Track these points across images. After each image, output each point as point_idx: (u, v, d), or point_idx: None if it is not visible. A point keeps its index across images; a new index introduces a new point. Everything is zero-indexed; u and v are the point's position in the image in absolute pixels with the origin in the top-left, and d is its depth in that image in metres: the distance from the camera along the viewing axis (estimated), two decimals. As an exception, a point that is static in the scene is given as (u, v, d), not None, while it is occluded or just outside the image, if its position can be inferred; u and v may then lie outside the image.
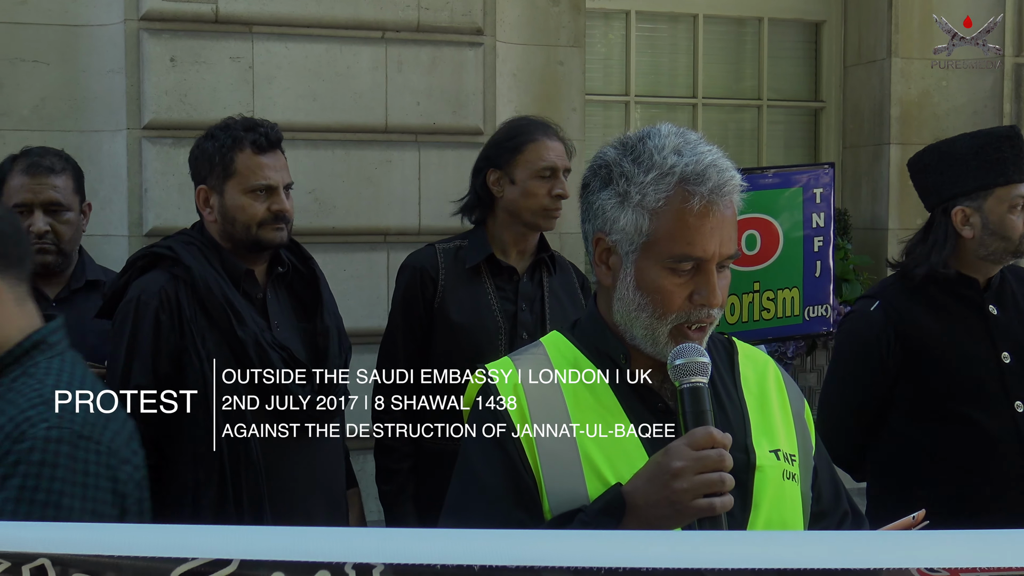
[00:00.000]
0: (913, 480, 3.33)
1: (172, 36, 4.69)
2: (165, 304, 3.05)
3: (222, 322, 3.06)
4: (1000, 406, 3.22)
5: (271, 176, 3.17)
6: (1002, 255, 3.27)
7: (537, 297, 3.57)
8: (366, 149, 4.95)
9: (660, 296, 1.86)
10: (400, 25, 5.01)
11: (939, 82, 6.20)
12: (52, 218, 3.36)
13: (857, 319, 3.43)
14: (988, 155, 3.25)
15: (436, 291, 3.51)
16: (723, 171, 1.86)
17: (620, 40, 6.19)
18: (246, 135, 3.18)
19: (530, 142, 3.54)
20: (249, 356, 3.04)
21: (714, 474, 1.70)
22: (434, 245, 3.61)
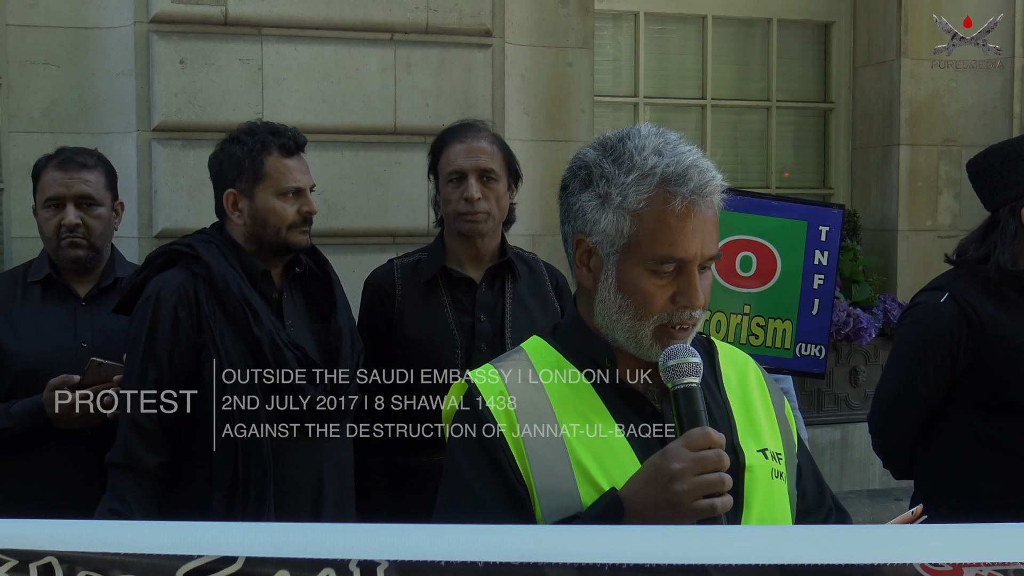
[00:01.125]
0: (981, 474, 3.32)
1: (182, 38, 4.71)
2: (184, 300, 3.09)
3: (239, 320, 3.09)
4: None
5: (300, 179, 3.23)
6: None
7: (498, 306, 3.52)
8: (375, 151, 4.96)
9: (642, 298, 1.85)
10: (409, 27, 5.01)
11: (949, 83, 6.19)
12: (83, 212, 3.41)
13: (925, 311, 3.41)
14: None
15: (393, 308, 3.50)
16: (704, 171, 1.84)
17: (629, 41, 6.19)
18: (274, 139, 3.24)
19: (443, 148, 3.55)
20: (264, 354, 3.06)
21: (714, 474, 1.70)
22: (392, 261, 3.62)
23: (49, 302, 3.42)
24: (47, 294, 3.43)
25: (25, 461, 3.30)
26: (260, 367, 3.06)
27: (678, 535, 1.62)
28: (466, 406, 1.91)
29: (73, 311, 3.41)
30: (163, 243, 4.69)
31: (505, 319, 3.49)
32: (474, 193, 3.44)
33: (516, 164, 3.61)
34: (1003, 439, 3.31)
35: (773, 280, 3.78)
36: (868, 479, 6.10)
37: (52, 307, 3.42)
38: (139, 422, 3.05)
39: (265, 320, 3.10)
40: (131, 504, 3.01)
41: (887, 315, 5.98)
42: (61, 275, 3.45)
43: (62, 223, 3.38)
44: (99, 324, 3.40)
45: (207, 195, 4.70)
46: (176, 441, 3.09)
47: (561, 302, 3.59)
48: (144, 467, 3.04)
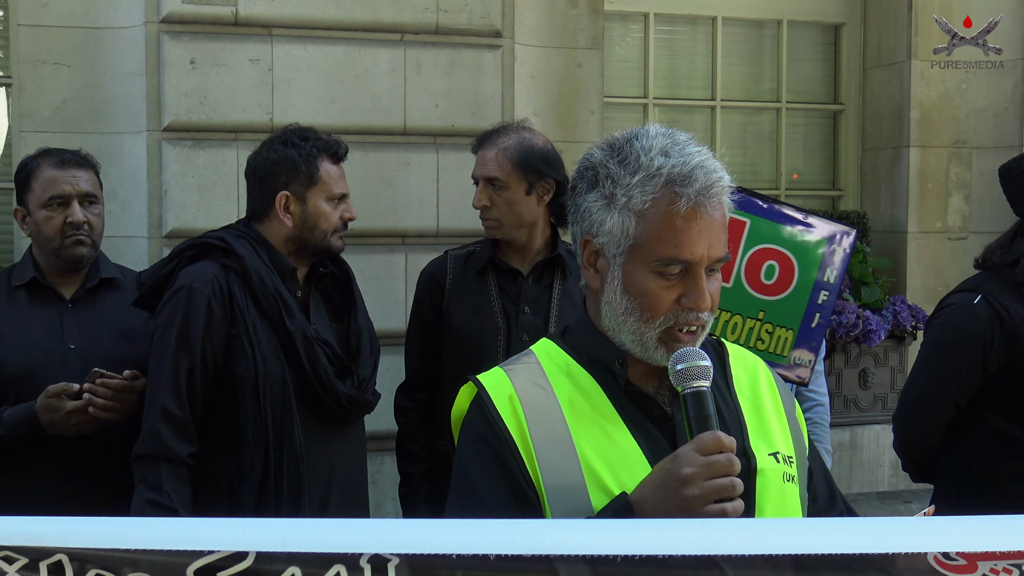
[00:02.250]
0: (1009, 476, 3.31)
1: (192, 38, 4.71)
2: (217, 292, 3.12)
3: (272, 314, 3.14)
4: None
5: (345, 186, 3.35)
6: None
7: (543, 299, 3.58)
8: (384, 151, 4.96)
9: (647, 300, 1.83)
10: (419, 27, 5.01)
11: (959, 84, 6.17)
12: (86, 210, 3.40)
13: (959, 312, 3.41)
14: None
15: (443, 296, 3.62)
16: (711, 172, 1.82)
17: (638, 42, 6.19)
18: (326, 146, 3.32)
19: (480, 146, 3.70)
20: (297, 348, 3.12)
21: (725, 479, 1.68)
22: (447, 252, 3.76)
23: (35, 305, 3.39)
24: (32, 297, 3.40)
25: (18, 467, 3.26)
26: (292, 361, 3.12)
27: (690, 527, 1.61)
28: (475, 409, 1.90)
29: (59, 313, 3.39)
30: (173, 243, 4.71)
31: (551, 313, 3.56)
32: (474, 201, 3.64)
33: (540, 166, 3.61)
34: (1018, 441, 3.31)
35: (788, 290, 3.84)
36: (877, 481, 6.09)
37: (38, 310, 3.39)
38: (170, 411, 3.06)
39: (297, 315, 3.17)
40: (169, 494, 3.01)
41: (896, 317, 5.97)
42: (46, 278, 3.42)
43: (67, 220, 3.34)
44: (86, 325, 3.39)
45: (217, 195, 4.74)
46: (207, 432, 3.12)
47: None
48: (177, 456, 3.05)
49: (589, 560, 1.50)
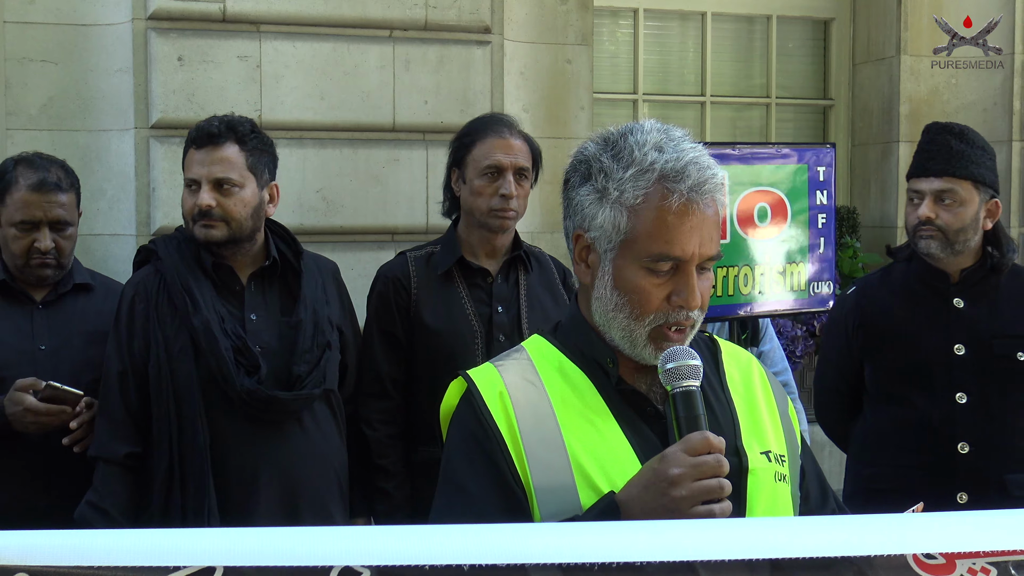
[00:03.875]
0: (862, 459, 3.53)
1: (180, 35, 4.69)
2: (140, 294, 3.20)
3: (181, 309, 3.15)
4: (943, 396, 3.33)
5: (198, 171, 3.24)
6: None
7: (512, 297, 3.51)
8: (374, 148, 4.95)
9: (638, 296, 1.81)
10: (408, 24, 5.00)
11: (949, 80, 6.18)
12: (57, 234, 3.34)
13: (836, 302, 3.70)
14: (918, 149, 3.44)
15: (410, 299, 3.48)
16: (704, 169, 1.80)
17: (628, 38, 6.18)
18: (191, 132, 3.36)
19: (478, 140, 3.49)
20: (200, 343, 3.12)
21: (712, 480, 1.66)
22: (405, 253, 3.58)
23: (4, 306, 3.37)
24: (2, 298, 3.38)
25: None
26: (199, 357, 3.12)
27: (667, 530, 1.58)
28: (464, 405, 1.88)
29: (30, 314, 3.37)
30: (161, 241, 4.70)
31: (521, 310, 3.49)
32: (512, 190, 3.43)
33: (540, 162, 3.58)
34: (879, 426, 3.45)
35: (787, 225, 3.88)
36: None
37: (7, 311, 3.36)
38: (108, 412, 3.14)
39: (204, 310, 3.13)
40: (102, 493, 3.08)
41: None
42: (16, 281, 3.40)
43: (35, 245, 3.30)
44: (57, 327, 3.38)
45: (205, 193, 4.72)
46: (147, 432, 3.16)
47: (569, 295, 3.57)
48: (113, 456, 3.12)
49: (565, 568, 1.48)
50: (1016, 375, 3.32)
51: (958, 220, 3.29)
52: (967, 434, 3.30)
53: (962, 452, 3.29)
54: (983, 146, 3.35)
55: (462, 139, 3.56)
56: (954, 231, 3.29)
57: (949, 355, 3.33)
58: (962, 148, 3.29)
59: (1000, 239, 3.38)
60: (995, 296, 3.37)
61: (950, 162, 3.29)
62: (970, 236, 3.31)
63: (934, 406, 3.33)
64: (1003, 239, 3.38)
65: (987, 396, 3.31)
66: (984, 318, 3.34)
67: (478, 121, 3.63)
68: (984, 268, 3.37)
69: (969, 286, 3.37)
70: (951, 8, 6.06)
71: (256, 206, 3.23)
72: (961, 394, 3.31)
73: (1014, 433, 3.33)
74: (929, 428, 3.32)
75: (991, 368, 3.32)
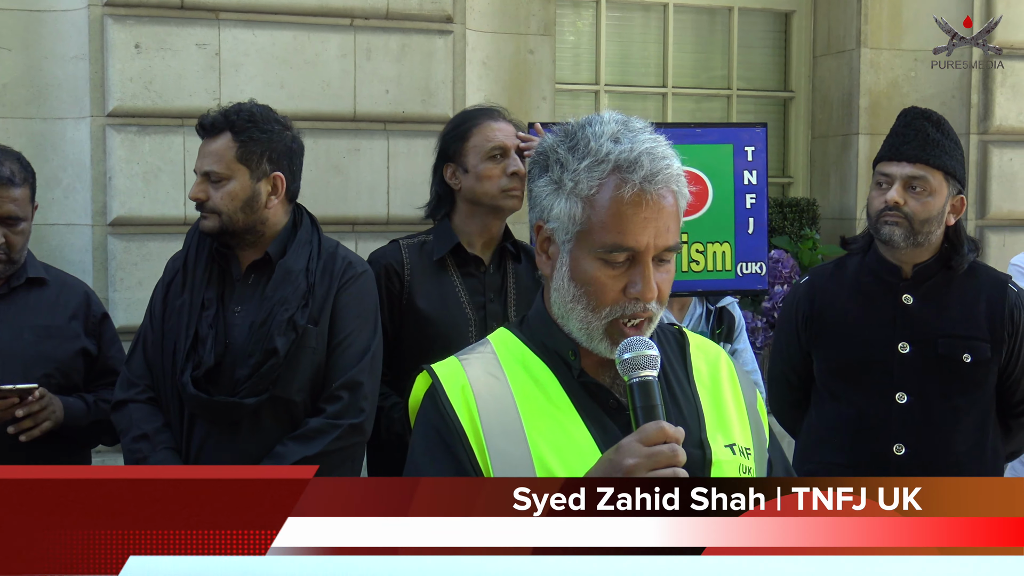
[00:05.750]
0: (804, 454, 3.45)
1: (137, 22, 4.63)
2: (169, 267, 3.34)
3: (175, 290, 3.25)
4: (883, 394, 3.25)
5: (203, 163, 3.23)
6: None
7: (504, 286, 3.55)
8: (334, 138, 4.91)
9: (593, 288, 1.81)
10: (369, 12, 4.96)
11: (908, 72, 6.22)
12: (7, 229, 3.28)
13: (790, 291, 3.65)
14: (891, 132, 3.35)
15: (403, 286, 3.47)
16: (658, 159, 1.80)
17: (590, 29, 6.17)
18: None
19: (475, 127, 3.52)
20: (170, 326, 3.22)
21: (667, 470, 1.66)
22: (397, 241, 3.58)
23: None
24: None
25: None
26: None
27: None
28: (428, 399, 1.88)
29: None
30: (118, 231, 4.64)
31: (509, 301, 3.51)
32: (521, 167, 3.46)
33: None
34: (820, 422, 3.39)
35: (707, 206, 3.88)
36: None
37: None
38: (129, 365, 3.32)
39: (188, 294, 3.19)
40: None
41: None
42: None
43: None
44: (8, 322, 3.33)
45: (163, 182, 4.67)
46: None
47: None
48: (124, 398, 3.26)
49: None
50: (959, 377, 3.23)
51: (925, 210, 3.19)
52: (903, 435, 3.21)
53: (897, 453, 3.21)
54: (956, 140, 3.27)
55: (455, 130, 3.57)
56: (920, 221, 3.19)
57: (893, 352, 3.24)
58: (938, 137, 3.21)
59: (960, 237, 3.29)
60: (946, 295, 3.27)
61: (925, 149, 3.19)
62: (934, 229, 3.22)
63: (873, 404, 3.25)
64: (962, 237, 3.30)
65: (928, 397, 3.22)
66: (932, 317, 3.25)
67: (468, 111, 3.68)
68: (938, 265, 3.28)
69: (920, 283, 3.28)
70: (911, 2, 6.11)
71: (248, 198, 3.17)
72: (902, 394, 3.22)
73: (951, 437, 3.23)
74: (866, 426, 3.25)
75: (934, 368, 3.22)
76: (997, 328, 3.25)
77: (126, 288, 4.64)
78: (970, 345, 3.23)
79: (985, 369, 3.25)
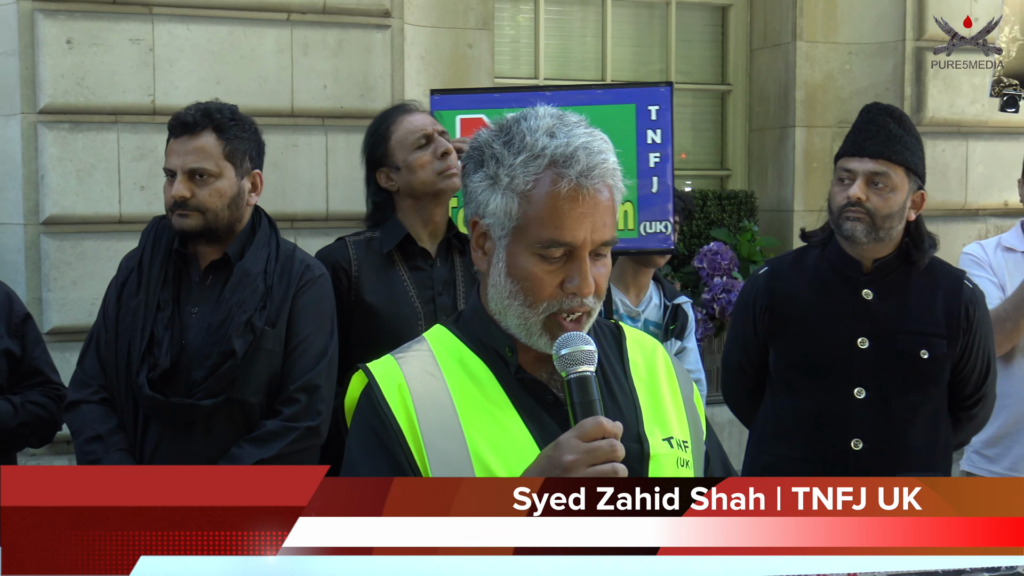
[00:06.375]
0: (759, 446, 3.46)
1: (68, 17, 4.55)
2: (122, 267, 3.30)
3: (131, 290, 3.21)
4: (841, 389, 3.25)
5: (175, 161, 3.20)
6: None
7: (451, 280, 3.54)
8: (272, 133, 4.83)
9: (530, 283, 1.81)
10: (305, 7, 4.92)
11: (843, 65, 6.30)
12: None
13: (747, 281, 3.60)
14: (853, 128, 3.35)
15: (350, 282, 3.45)
16: (594, 154, 1.81)
17: (529, 23, 6.17)
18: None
19: (393, 124, 3.53)
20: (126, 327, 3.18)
21: (606, 465, 1.66)
22: (343, 238, 3.57)
23: None
24: None
25: None
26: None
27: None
28: (364, 398, 1.87)
29: None
30: (52, 230, 4.56)
31: (458, 293, 3.50)
32: (449, 146, 3.48)
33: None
34: (776, 415, 3.39)
35: None
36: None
37: None
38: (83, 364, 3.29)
39: (144, 294, 3.15)
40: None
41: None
42: None
43: None
44: None
45: (97, 180, 4.60)
46: None
47: None
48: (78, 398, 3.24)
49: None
50: (917, 373, 3.24)
51: (887, 205, 3.19)
52: (861, 430, 3.22)
53: (855, 448, 3.21)
54: (917, 136, 3.27)
55: (375, 134, 3.57)
56: (881, 216, 3.19)
57: (852, 348, 3.24)
58: (900, 133, 3.21)
59: (921, 232, 3.29)
60: (905, 291, 3.28)
61: (887, 145, 3.19)
62: (895, 224, 3.22)
63: (831, 399, 3.25)
64: (923, 233, 3.30)
65: (886, 393, 3.23)
66: (891, 312, 3.25)
67: (380, 114, 3.67)
68: (899, 260, 3.29)
69: (880, 278, 3.28)
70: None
71: (234, 196, 3.18)
72: (860, 389, 3.23)
73: (909, 432, 3.24)
74: (824, 421, 3.25)
75: (892, 364, 3.23)
76: (953, 324, 3.27)
77: (60, 288, 4.56)
78: (928, 341, 3.24)
79: (941, 365, 3.27)
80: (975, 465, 4.17)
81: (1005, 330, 3.89)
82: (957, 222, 6.21)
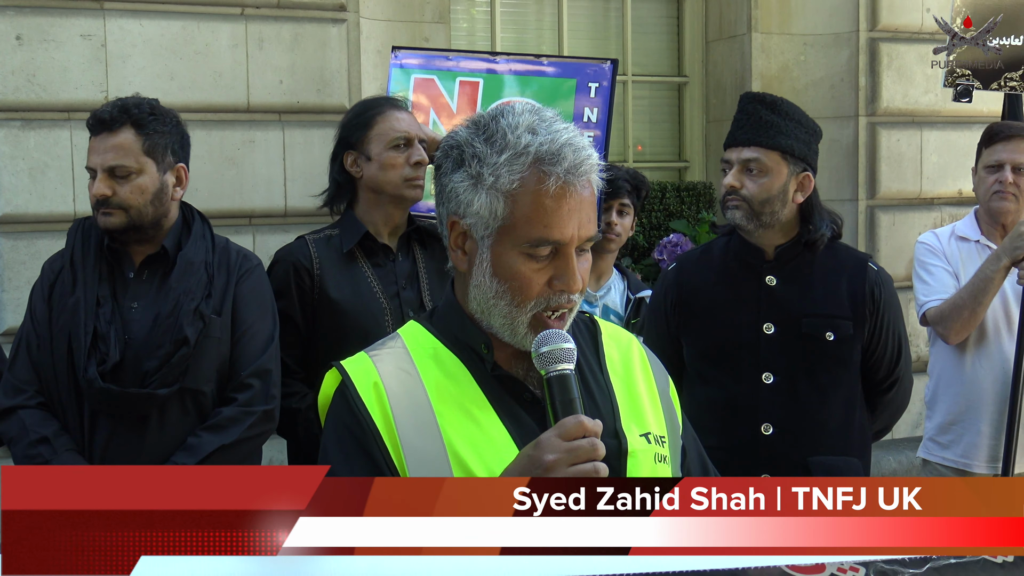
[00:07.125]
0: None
1: (17, 12, 4.48)
2: (46, 270, 3.27)
3: (65, 289, 3.19)
4: (749, 375, 3.28)
5: (94, 159, 3.18)
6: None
7: (413, 274, 3.53)
8: (228, 129, 4.82)
9: (518, 283, 1.80)
10: (260, 1, 4.88)
11: (798, 56, 6.34)
12: None
13: (659, 278, 3.62)
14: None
15: (313, 280, 3.43)
16: (579, 150, 1.80)
17: (485, 16, 6.15)
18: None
19: (379, 115, 3.51)
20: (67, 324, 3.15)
21: (588, 464, 1.65)
22: (303, 237, 3.56)
23: None
24: None
25: None
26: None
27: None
28: (339, 397, 1.85)
29: None
30: (6, 230, 4.49)
31: (422, 287, 3.49)
32: (424, 157, 3.48)
33: None
34: (695, 407, 3.33)
35: None
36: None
37: None
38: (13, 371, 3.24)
39: (80, 291, 3.13)
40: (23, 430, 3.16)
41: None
42: None
43: None
44: None
45: (50, 178, 4.54)
46: None
47: None
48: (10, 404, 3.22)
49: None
50: (824, 356, 3.27)
51: (763, 191, 3.23)
52: (771, 415, 3.24)
53: (765, 433, 3.24)
54: (800, 120, 3.29)
55: (358, 117, 3.55)
56: (758, 202, 3.23)
57: (758, 334, 3.27)
58: (772, 119, 3.24)
59: (813, 214, 3.31)
60: (808, 275, 3.31)
61: (757, 131, 3.24)
62: (777, 208, 3.25)
63: (740, 386, 3.28)
64: (816, 214, 3.31)
65: (794, 377, 3.25)
66: (795, 297, 3.28)
67: (371, 100, 3.66)
68: (799, 245, 3.31)
69: (783, 263, 3.31)
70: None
71: (157, 191, 3.18)
72: (768, 374, 3.26)
73: (818, 415, 3.27)
74: (735, 408, 3.27)
75: (799, 348, 3.26)
76: (859, 306, 3.30)
77: (15, 288, 4.50)
78: (833, 323, 3.27)
79: (849, 347, 3.30)
80: (930, 452, 4.22)
81: (962, 318, 3.94)
82: (912, 211, 6.28)
